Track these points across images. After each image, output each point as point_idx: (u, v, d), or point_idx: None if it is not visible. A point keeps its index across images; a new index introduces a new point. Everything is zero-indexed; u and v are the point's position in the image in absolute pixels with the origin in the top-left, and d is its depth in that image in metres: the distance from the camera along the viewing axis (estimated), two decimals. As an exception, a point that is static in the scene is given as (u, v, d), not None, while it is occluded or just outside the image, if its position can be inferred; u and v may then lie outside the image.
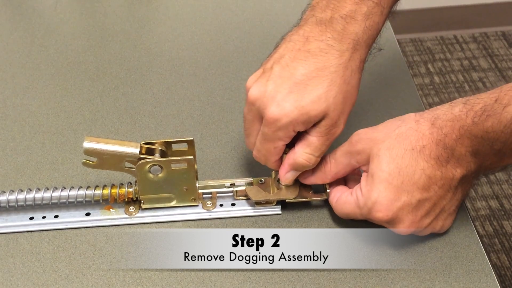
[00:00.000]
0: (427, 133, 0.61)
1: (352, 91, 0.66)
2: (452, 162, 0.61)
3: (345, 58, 0.64)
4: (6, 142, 0.79)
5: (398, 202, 0.60)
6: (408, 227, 0.62)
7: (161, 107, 0.83)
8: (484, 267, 0.63)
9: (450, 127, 0.60)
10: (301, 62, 0.64)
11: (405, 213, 0.61)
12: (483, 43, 2.31)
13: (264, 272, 0.63)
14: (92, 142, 0.65)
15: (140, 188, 0.67)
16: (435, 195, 0.61)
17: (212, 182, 0.70)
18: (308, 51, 0.64)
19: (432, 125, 0.61)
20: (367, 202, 0.61)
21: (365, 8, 0.64)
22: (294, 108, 0.62)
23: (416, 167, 0.60)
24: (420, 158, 0.60)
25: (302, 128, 0.64)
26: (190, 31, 0.97)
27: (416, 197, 0.61)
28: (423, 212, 0.62)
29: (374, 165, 0.62)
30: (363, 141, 0.63)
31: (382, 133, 0.63)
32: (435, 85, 2.14)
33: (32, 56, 0.93)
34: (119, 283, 0.63)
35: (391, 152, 0.61)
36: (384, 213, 0.61)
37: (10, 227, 0.68)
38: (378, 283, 0.62)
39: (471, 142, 0.59)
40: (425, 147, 0.60)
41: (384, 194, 0.60)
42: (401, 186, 0.60)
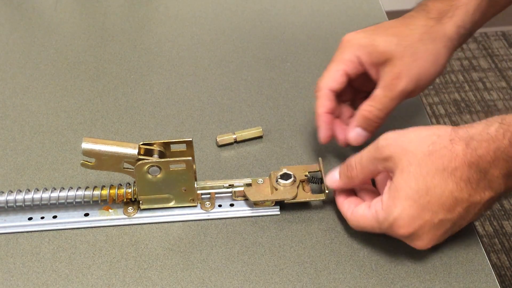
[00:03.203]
0: (460, 154, 0.58)
1: (425, 55, 0.67)
2: (483, 185, 0.59)
3: (429, 23, 0.68)
4: (6, 142, 0.79)
5: (420, 220, 0.59)
6: (426, 244, 0.61)
7: (161, 107, 0.83)
8: (484, 267, 0.63)
9: (486, 148, 0.58)
10: (395, 20, 0.71)
11: (426, 231, 0.60)
12: (483, 43, 2.31)
13: (264, 272, 0.63)
14: (90, 143, 0.65)
15: (139, 189, 0.67)
16: (457, 216, 0.60)
17: (211, 182, 0.70)
18: (404, 16, 0.71)
19: (467, 145, 0.58)
20: (388, 217, 0.60)
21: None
22: (365, 37, 0.68)
23: (445, 188, 0.58)
24: (451, 179, 0.58)
25: (366, 58, 0.67)
26: (190, 31, 0.97)
27: (439, 217, 0.59)
28: (442, 231, 0.61)
29: (402, 180, 0.59)
30: (391, 147, 0.60)
31: (413, 144, 0.60)
32: (435, 85, 2.14)
33: (32, 56, 0.93)
34: (119, 283, 0.63)
35: (422, 170, 0.59)
36: (405, 229, 0.60)
37: (9, 227, 0.68)
38: (378, 283, 0.62)
39: (506, 164, 0.57)
40: (457, 168, 0.58)
41: (408, 212, 0.59)
42: (427, 206, 0.59)
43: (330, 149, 0.75)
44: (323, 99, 0.69)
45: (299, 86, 0.86)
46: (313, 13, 1.00)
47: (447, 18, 0.69)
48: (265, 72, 0.88)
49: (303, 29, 0.97)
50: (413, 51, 0.67)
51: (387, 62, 0.67)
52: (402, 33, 0.68)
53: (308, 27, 0.97)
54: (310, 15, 0.99)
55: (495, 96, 2.09)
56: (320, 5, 1.01)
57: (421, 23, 0.69)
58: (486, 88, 2.12)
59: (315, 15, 1.00)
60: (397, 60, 0.67)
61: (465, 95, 2.10)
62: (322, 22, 0.98)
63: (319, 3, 1.02)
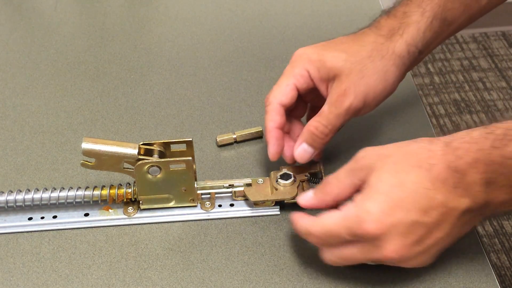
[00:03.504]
0: (439, 154, 0.56)
1: (373, 72, 0.67)
2: (460, 189, 0.55)
3: (378, 40, 0.68)
4: (6, 142, 0.79)
5: (392, 218, 0.55)
6: (396, 251, 0.56)
7: (161, 107, 0.83)
8: (484, 267, 0.63)
9: (466, 149, 0.55)
10: (345, 36, 0.70)
11: (396, 233, 0.55)
12: (483, 43, 2.31)
13: (264, 272, 0.63)
14: (90, 143, 0.65)
15: (139, 189, 0.67)
16: (431, 223, 0.55)
17: (211, 182, 0.70)
18: (355, 34, 0.70)
19: (446, 145, 0.56)
20: (358, 212, 0.56)
21: (405, 8, 0.70)
22: (315, 53, 0.67)
23: (419, 185, 0.55)
24: (426, 177, 0.55)
25: (315, 73, 0.67)
26: (190, 31, 0.97)
27: (412, 217, 0.55)
28: (415, 237, 0.56)
29: (375, 177, 0.57)
30: (368, 157, 0.58)
31: (389, 149, 0.59)
32: (435, 85, 2.14)
33: (32, 56, 0.93)
34: (119, 283, 0.63)
35: (396, 166, 0.56)
36: (373, 225, 0.55)
37: (9, 227, 0.68)
38: (378, 283, 0.62)
39: (486, 168, 0.54)
40: (434, 166, 0.55)
41: (378, 205, 0.55)
42: (399, 203, 0.55)
43: (330, 149, 0.75)
44: (273, 114, 0.68)
45: (299, 86, 0.86)
46: (313, 13, 1.00)
47: (398, 36, 0.68)
48: (265, 72, 0.88)
49: (303, 29, 0.97)
50: (361, 67, 0.66)
51: (335, 78, 0.67)
52: (351, 49, 0.68)
53: (308, 27, 0.97)
54: (310, 15, 0.99)
55: (495, 96, 2.09)
56: (320, 5, 1.01)
57: (371, 39, 0.68)
58: (486, 88, 2.12)
59: (315, 15, 0.99)
60: (344, 76, 0.66)
61: (465, 95, 2.10)
62: (322, 22, 0.98)
63: (319, 3, 1.02)
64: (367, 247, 0.57)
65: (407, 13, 0.69)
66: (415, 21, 0.69)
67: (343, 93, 0.66)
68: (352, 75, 0.66)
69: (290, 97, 0.68)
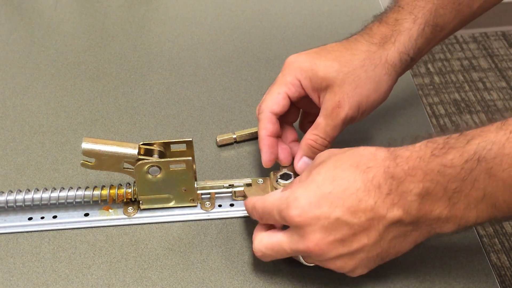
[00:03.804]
0: (380, 159, 0.56)
1: (366, 82, 0.66)
2: (392, 197, 0.55)
3: (371, 49, 0.67)
4: (6, 142, 0.79)
5: (317, 210, 0.55)
6: (317, 244, 0.56)
7: (161, 107, 0.83)
8: (484, 267, 0.63)
9: (406, 157, 0.55)
10: (336, 43, 0.69)
11: (319, 225, 0.55)
12: (483, 43, 2.31)
13: (264, 272, 0.63)
14: (90, 143, 0.65)
15: (139, 189, 0.67)
16: (357, 225, 0.55)
17: (211, 182, 0.70)
18: (348, 41, 0.70)
19: (390, 153, 0.56)
20: (289, 196, 0.57)
21: (397, 15, 0.69)
22: (307, 61, 0.67)
23: (351, 184, 0.55)
24: (360, 178, 0.55)
25: (306, 83, 0.66)
26: (190, 31, 0.97)
27: (337, 214, 0.55)
28: (338, 236, 0.55)
29: (316, 169, 0.58)
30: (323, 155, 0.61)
31: (342, 149, 0.60)
32: (435, 85, 2.14)
33: (32, 56, 0.93)
34: (119, 283, 0.63)
35: (336, 163, 0.57)
36: (297, 212, 0.56)
37: (9, 227, 0.68)
38: (378, 283, 0.62)
39: (424, 177, 0.53)
40: (370, 169, 0.56)
41: (307, 195, 0.56)
42: (327, 196, 0.56)
43: (330, 149, 0.76)
44: (265, 122, 0.68)
45: (299, 86, 0.86)
46: (313, 13, 1.00)
47: (390, 44, 0.68)
48: (265, 72, 0.88)
49: (303, 29, 0.97)
50: (354, 78, 0.66)
51: (327, 89, 0.66)
52: (343, 58, 0.67)
53: (308, 27, 0.97)
54: (310, 15, 0.99)
55: (495, 96, 2.09)
56: (320, 5, 1.01)
57: (363, 48, 0.68)
58: (486, 88, 2.12)
59: (315, 15, 0.99)
60: (338, 87, 0.66)
61: (465, 95, 2.10)
62: (322, 22, 0.98)
63: (319, 3, 1.02)
64: (293, 236, 0.57)
65: (399, 21, 0.69)
66: (407, 28, 0.68)
67: (337, 105, 0.66)
68: (345, 86, 0.66)
69: (282, 105, 0.68)
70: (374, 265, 0.58)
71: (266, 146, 0.68)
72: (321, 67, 0.66)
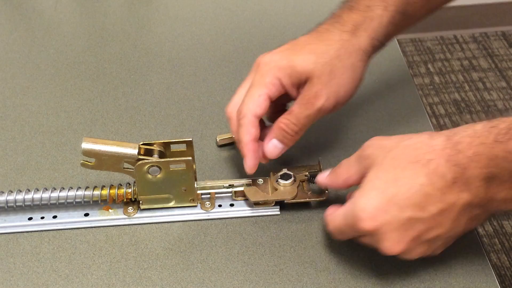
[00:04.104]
0: (438, 148, 0.55)
1: (344, 72, 0.66)
2: (459, 184, 0.55)
3: (343, 37, 0.67)
4: (6, 142, 0.79)
5: (386, 215, 0.56)
6: (394, 247, 0.57)
7: (161, 107, 0.83)
8: (484, 267, 0.63)
9: (468, 143, 0.54)
10: (307, 35, 0.69)
11: (392, 229, 0.56)
12: (483, 43, 2.31)
13: (264, 272, 0.63)
14: (90, 143, 0.65)
15: (139, 189, 0.67)
16: (430, 219, 0.56)
17: (211, 182, 0.70)
18: (317, 31, 0.70)
19: (448, 139, 0.56)
20: (353, 209, 0.57)
21: (368, 1, 0.69)
22: (283, 58, 0.66)
23: (414, 181, 0.55)
24: (422, 172, 0.55)
25: (286, 80, 0.66)
26: (190, 31, 0.97)
27: (407, 214, 0.55)
28: (413, 234, 0.56)
29: (373, 172, 0.58)
30: (372, 147, 0.60)
31: (392, 141, 0.59)
32: (435, 85, 2.14)
33: (32, 56, 0.93)
34: (119, 283, 0.63)
35: (394, 162, 0.57)
36: (368, 222, 0.56)
37: (9, 227, 0.68)
38: (378, 283, 0.62)
39: (489, 163, 0.53)
40: (431, 161, 0.55)
41: (372, 202, 0.56)
42: (393, 199, 0.55)
43: (330, 149, 0.75)
44: (249, 127, 0.66)
45: (299, 86, 0.86)
46: (313, 13, 1.00)
47: (362, 31, 0.68)
48: (265, 72, 0.88)
49: (303, 29, 0.96)
50: (331, 68, 0.66)
51: (306, 81, 0.66)
52: (319, 50, 0.67)
53: (308, 27, 0.97)
54: (310, 15, 0.99)
55: (495, 96, 2.09)
56: (320, 5, 1.01)
57: (336, 37, 0.67)
58: (486, 88, 2.12)
59: (315, 15, 0.99)
60: (316, 79, 0.66)
61: (465, 95, 2.10)
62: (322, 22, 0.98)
63: (319, 3, 1.02)
64: (372, 240, 0.58)
65: (370, 7, 0.69)
66: (378, 15, 0.68)
67: (314, 95, 0.66)
68: (323, 77, 0.66)
69: (264, 107, 0.66)
70: (453, 241, 0.60)
71: (251, 151, 0.66)
72: (299, 61, 0.66)
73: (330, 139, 0.77)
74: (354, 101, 0.83)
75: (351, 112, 0.81)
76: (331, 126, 0.79)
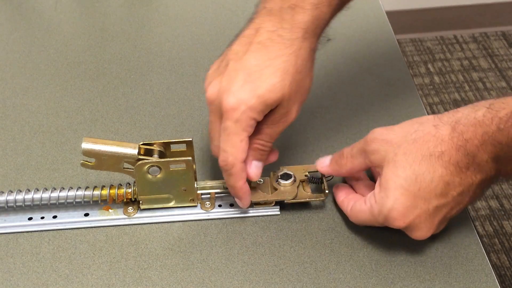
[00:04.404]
0: (446, 138, 0.59)
1: (305, 80, 0.65)
2: (472, 168, 0.59)
3: (295, 47, 0.64)
4: (6, 142, 0.79)
5: (416, 210, 0.60)
6: (426, 233, 0.61)
7: (161, 107, 0.83)
8: (484, 267, 0.63)
9: (473, 132, 0.58)
10: (253, 53, 0.63)
11: (423, 220, 0.60)
12: (483, 43, 2.31)
13: (264, 272, 0.63)
14: (90, 143, 0.65)
15: (139, 189, 0.67)
16: (452, 201, 0.60)
17: (211, 182, 0.70)
18: (259, 43, 0.64)
19: (453, 129, 0.59)
20: (382, 209, 0.60)
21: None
22: (251, 97, 0.62)
23: (434, 173, 0.59)
24: (438, 164, 0.59)
25: (260, 116, 0.63)
26: (190, 31, 0.97)
27: (434, 204, 0.60)
28: (440, 217, 0.61)
29: (390, 170, 0.60)
30: (377, 141, 0.62)
31: (398, 135, 0.62)
32: (435, 85, 2.14)
33: (32, 56, 0.93)
34: (119, 283, 0.63)
35: (408, 158, 0.60)
36: (401, 220, 0.60)
37: (9, 227, 0.68)
38: (378, 283, 0.62)
39: (494, 149, 0.57)
40: (444, 153, 0.59)
41: (400, 201, 0.59)
42: (418, 193, 0.59)
43: (330, 149, 0.75)
44: (240, 173, 0.65)
45: (299, 86, 0.86)
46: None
47: (312, 33, 0.65)
48: (265, 72, 0.88)
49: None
50: (296, 84, 0.64)
51: (278, 106, 0.64)
52: (278, 72, 0.62)
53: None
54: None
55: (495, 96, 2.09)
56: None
57: (288, 50, 0.63)
58: (486, 88, 2.12)
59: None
60: (285, 101, 0.64)
61: (465, 95, 2.10)
62: (322, 22, 0.98)
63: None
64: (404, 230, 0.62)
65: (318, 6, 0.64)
66: (325, 12, 0.65)
67: (285, 114, 0.64)
68: (291, 97, 0.64)
69: (246, 149, 0.64)
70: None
71: (246, 193, 0.66)
72: (266, 95, 0.62)
73: (330, 139, 0.77)
74: (354, 101, 0.83)
75: (351, 112, 0.81)
76: (331, 126, 0.79)
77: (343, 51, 0.91)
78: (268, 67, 0.63)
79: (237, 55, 0.65)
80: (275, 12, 0.65)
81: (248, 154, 0.65)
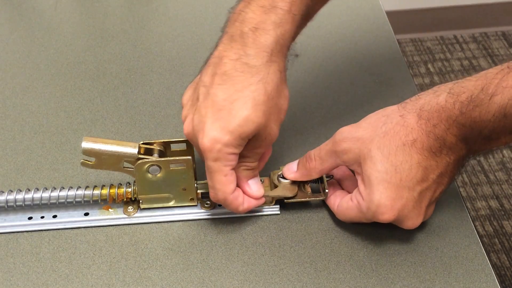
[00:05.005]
0: (415, 126, 0.60)
1: (278, 103, 0.63)
2: (445, 151, 0.61)
3: (262, 73, 0.61)
4: (6, 142, 0.79)
5: (402, 200, 0.61)
6: (416, 221, 0.62)
7: (161, 107, 0.83)
8: (484, 267, 0.63)
9: (437, 118, 0.60)
10: (220, 87, 0.61)
11: (410, 208, 0.61)
12: (483, 43, 2.31)
13: (264, 272, 0.63)
14: (90, 142, 0.65)
15: (139, 188, 0.67)
16: (434, 183, 0.62)
17: (212, 182, 0.70)
18: (224, 74, 0.61)
19: (419, 117, 0.60)
20: (370, 206, 0.61)
21: (274, 16, 0.62)
22: (224, 134, 0.60)
23: (411, 161, 0.60)
24: (413, 151, 0.60)
25: (238, 149, 0.62)
26: (190, 31, 0.97)
27: (417, 190, 0.61)
28: (426, 202, 0.62)
29: (368, 167, 0.61)
30: (348, 140, 0.63)
31: (367, 131, 0.62)
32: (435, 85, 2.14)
33: (32, 56, 0.93)
34: (119, 283, 0.63)
35: (383, 151, 0.61)
36: (389, 214, 0.61)
37: (9, 227, 0.68)
38: (378, 283, 0.62)
39: (459, 131, 0.59)
40: (416, 140, 0.60)
41: (386, 195, 0.60)
42: (401, 184, 0.60)
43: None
44: (234, 202, 0.65)
45: (299, 86, 0.86)
46: (313, 13, 1.00)
47: (278, 54, 0.62)
48: (265, 72, 0.88)
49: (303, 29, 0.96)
50: (269, 111, 0.62)
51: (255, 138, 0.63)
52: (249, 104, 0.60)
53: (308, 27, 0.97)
54: (310, 15, 0.99)
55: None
56: (320, 5, 1.01)
57: (255, 78, 0.61)
58: (486, 88, 2.12)
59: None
60: (262, 131, 0.62)
61: (465, 95, 2.10)
62: (322, 22, 0.98)
63: (319, 3, 1.01)
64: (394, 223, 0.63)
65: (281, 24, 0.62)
66: (289, 30, 0.63)
67: (265, 138, 0.63)
68: (267, 124, 0.62)
69: (234, 179, 0.64)
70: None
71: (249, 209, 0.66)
72: (241, 130, 0.61)
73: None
74: (354, 101, 0.83)
75: (350, 112, 0.81)
76: (330, 126, 0.79)
77: (343, 51, 0.91)
78: (237, 100, 0.60)
79: (206, 88, 0.62)
80: (236, 38, 0.62)
81: (240, 177, 0.65)
